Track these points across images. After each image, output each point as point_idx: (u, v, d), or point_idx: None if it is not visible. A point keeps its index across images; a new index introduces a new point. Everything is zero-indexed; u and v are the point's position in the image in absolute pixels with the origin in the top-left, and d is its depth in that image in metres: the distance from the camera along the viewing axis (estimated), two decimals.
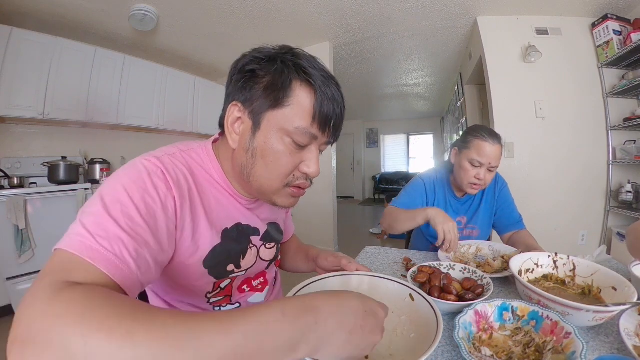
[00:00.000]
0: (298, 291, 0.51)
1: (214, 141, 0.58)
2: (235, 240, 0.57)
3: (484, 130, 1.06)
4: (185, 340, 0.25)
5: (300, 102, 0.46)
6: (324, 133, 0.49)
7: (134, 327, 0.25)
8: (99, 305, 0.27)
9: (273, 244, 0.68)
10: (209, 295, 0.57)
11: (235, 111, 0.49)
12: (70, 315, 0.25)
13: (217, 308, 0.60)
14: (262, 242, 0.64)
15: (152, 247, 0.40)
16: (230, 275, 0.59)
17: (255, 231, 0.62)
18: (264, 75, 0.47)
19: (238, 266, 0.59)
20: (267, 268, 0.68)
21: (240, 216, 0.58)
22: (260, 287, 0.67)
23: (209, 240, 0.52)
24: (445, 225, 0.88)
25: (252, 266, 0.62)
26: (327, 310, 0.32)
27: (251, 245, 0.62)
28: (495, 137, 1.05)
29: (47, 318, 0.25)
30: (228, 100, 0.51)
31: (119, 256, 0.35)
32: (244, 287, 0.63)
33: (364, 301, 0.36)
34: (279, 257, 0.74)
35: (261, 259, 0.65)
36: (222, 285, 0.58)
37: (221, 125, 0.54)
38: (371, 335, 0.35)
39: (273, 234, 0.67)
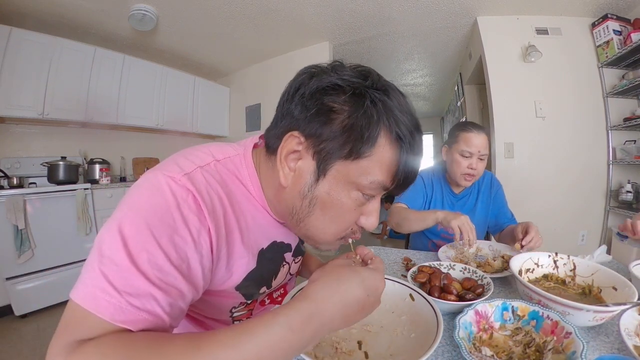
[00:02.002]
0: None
1: (254, 146, 0.51)
2: (270, 260, 0.53)
3: (468, 123, 1.14)
4: None
5: (383, 156, 0.39)
6: (395, 188, 0.43)
7: None
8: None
9: (300, 257, 0.64)
10: (233, 310, 0.55)
11: (294, 143, 0.40)
12: None
13: (238, 322, 0.57)
14: (293, 258, 0.60)
15: (185, 294, 0.36)
16: (260, 295, 0.56)
17: (288, 247, 0.57)
18: (346, 116, 0.38)
19: (269, 286, 0.56)
20: (289, 280, 0.66)
21: (276, 233, 0.52)
22: (280, 299, 0.64)
23: (244, 266, 0.47)
24: (457, 220, 0.89)
25: (280, 283, 0.60)
26: (332, 311, 0.34)
27: (284, 263, 0.58)
28: (479, 127, 1.12)
29: None
30: (284, 121, 0.42)
31: (152, 313, 0.32)
32: (265, 299, 0.61)
33: (365, 286, 0.37)
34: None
35: (290, 274, 0.62)
36: (249, 301, 0.56)
37: (268, 140, 0.46)
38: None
39: (301, 246, 0.63)
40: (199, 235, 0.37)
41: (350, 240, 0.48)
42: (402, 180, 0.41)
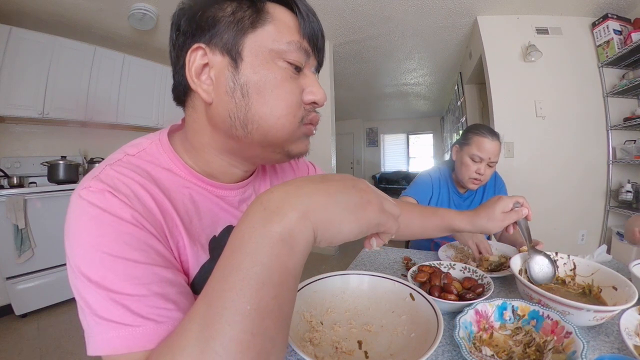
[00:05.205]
0: (298, 290, 0.51)
1: (177, 130, 0.48)
2: None
3: (483, 127, 1.12)
4: (225, 306, 0.25)
5: (281, 18, 0.39)
6: (313, 52, 0.42)
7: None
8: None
9: None
10: None
11: (199, 57, 0.38)
12: None
13: None
14: None
15: (173, 279, 0.35)
16: None
17: None
18: (229, 1, 0.38)
19: None
20: None
21: (228, 217, 0.47)
22: None
23: (194, 258, 0.42)
24: (475, 237, 0.90)
25: None
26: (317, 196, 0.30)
27: None
28: (494, 134, 1.11)
29: None
30: (182, 52, 0.40)
31: (160, 321, 0.31)
32: None
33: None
34: None
35: None
36: None
37: (178, 98, 0.45)
38: (364, 191, 0.32)
39: None
40: (137, 220, 0.35)
41: None
42: (311, 38, 0.41)
